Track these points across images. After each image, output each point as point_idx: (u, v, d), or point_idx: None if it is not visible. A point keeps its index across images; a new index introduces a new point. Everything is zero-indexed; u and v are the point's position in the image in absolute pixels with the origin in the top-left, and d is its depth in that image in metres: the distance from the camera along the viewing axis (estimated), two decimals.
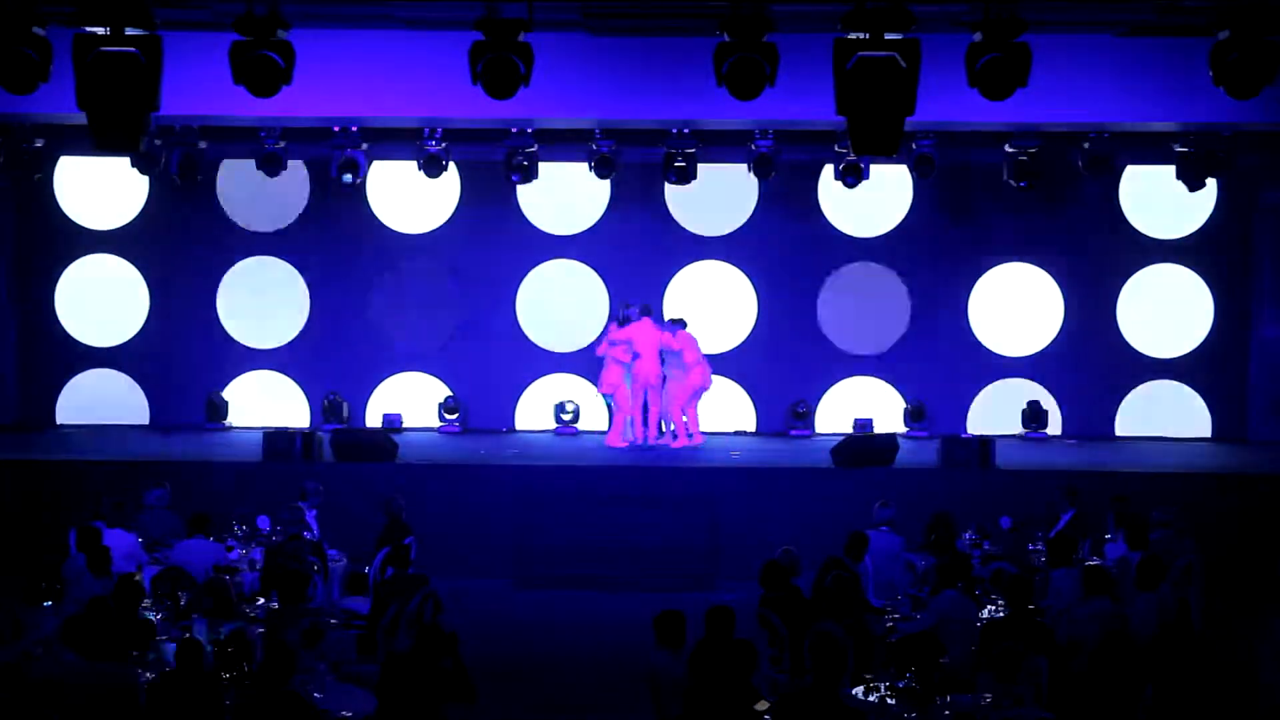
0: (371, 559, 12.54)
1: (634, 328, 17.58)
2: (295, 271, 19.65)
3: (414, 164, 17.44)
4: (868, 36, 9.64)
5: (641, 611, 9.55)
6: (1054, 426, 19.34)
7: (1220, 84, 10.21)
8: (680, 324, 17.66)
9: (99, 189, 19.42)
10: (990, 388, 19.61)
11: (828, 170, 18.52)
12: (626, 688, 10.33)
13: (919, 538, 12.90)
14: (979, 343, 19.62)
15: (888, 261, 19.50)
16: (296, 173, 18.67)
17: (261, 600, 10.98)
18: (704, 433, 18.04)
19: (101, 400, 19.65)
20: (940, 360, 19.38)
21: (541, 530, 15.52)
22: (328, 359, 19.52)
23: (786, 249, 19.45)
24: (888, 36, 9.63)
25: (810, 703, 7.73)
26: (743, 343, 19.31)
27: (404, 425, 18.90)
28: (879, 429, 18.61)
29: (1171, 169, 17.26)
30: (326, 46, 13.55)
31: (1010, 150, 16.88)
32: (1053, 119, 15.18)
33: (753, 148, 16.98)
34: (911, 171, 17.68)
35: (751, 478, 16.25)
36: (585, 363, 18.90)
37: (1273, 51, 10.02)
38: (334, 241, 19.54)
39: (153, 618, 10.11)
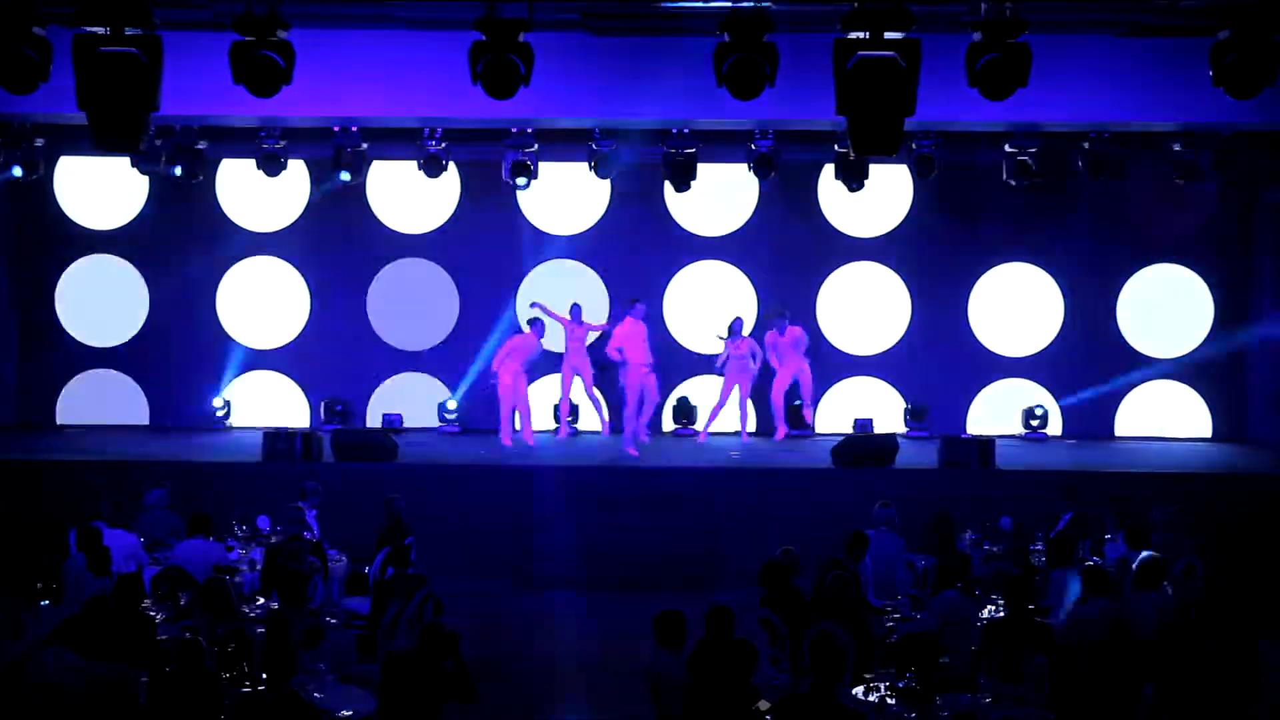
0: (371, 559, 12.53)
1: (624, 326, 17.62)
2: (295, 271, 19.67)
3: (414, 164, 17.43)
4: (868, 36, 9.64)
5: (641, 611, 9.53)
6: (1054, 426, 19.35)
7: (1220, 84, 10.20)
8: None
9: (99, 189, 19.45)
10: (990, 388, 19.62)
11: (828, 170, 18.51)
12: (626, 688, 10.32)
13: (919, 538, 12.89)
14: (979, 343, 19.62)
15: (888, 261, 19.51)
16: (296, 172, 18.70)
17: (261, 600, 10.99)
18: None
19: (101, 400, 19.66)
20: (940, 360, 19.38)
21: (541, 530, 15.51)
22: (328, 359, 19.53)
23: (786, 249, 19.46)
24: (888, 36, 9.63)
25: (810, 703, 7.73)
26: None
27: (404, 425, 18.90)
28: (879, 429, 18.61)
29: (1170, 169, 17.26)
30: (326, 46, 13.53)
31: (1010, 150, 16.87)
32: (1053, 119, 15.17)
33: (753, 148, 16.95)
34: (911, 171, 17.66)
35: (751, 478, 16.24)
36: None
37: (1273, 51, 10.02)
38: (334, 241, 19.55)
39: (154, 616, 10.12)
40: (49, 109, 12.91)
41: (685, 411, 19.27)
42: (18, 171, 17.30)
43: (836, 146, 16.94)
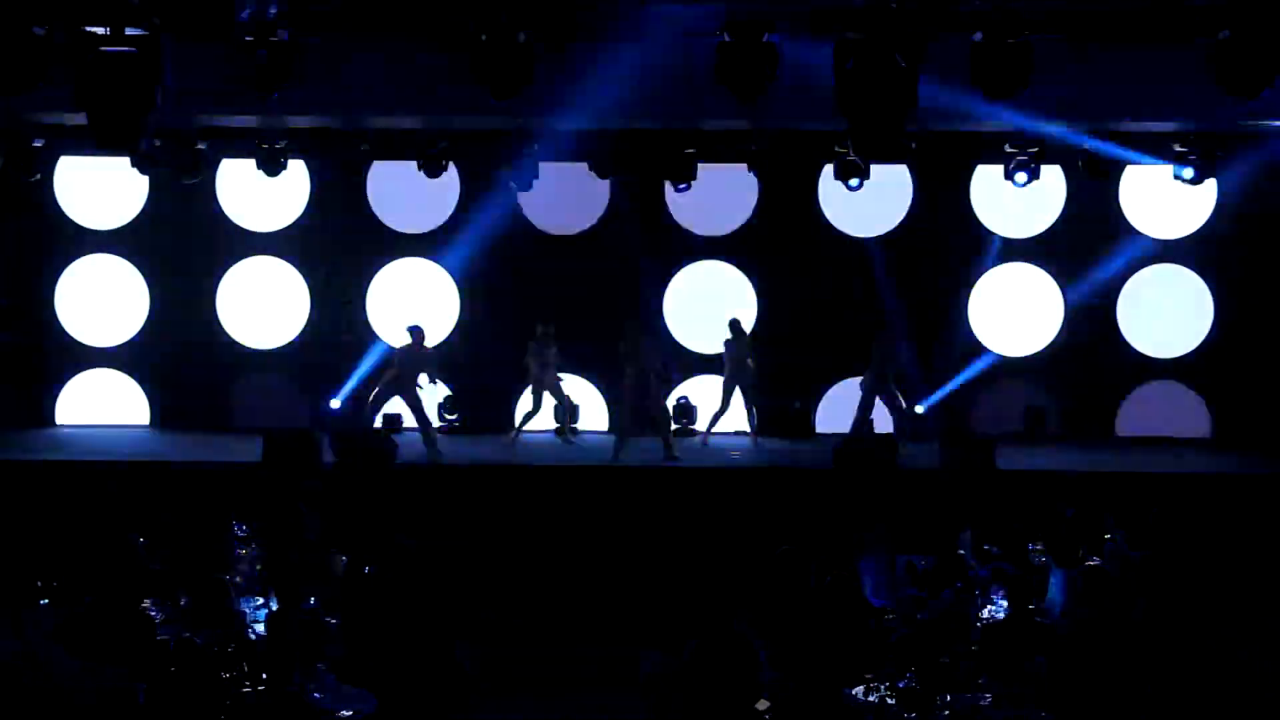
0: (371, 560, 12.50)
1: None
2: (295, 271, 19.66)
3: (413, 164, 17.42)
4: (867, 36, 9.65)
5: (641, 613, 9.54)
6: (1054, 426, 19.33)
7: (1220, 84, 10.22)
8: None
9: (99, 189, 19.44)
10: (991, 388, 19.61)
11: (828, 170, 18.50)
12: (626, 688, 10.32)
13: (919, 538, 12.87)
14: (980, 343, 19.61)
15: (884, 261, 19.48)
16: (297, 173, 18.69)
17: (261, 600, 10.98)
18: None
19: (101, 400, 19.66)
20: (941, 360, 19.36)
21: (541, 531, 15.49)
22: (328, 359, 19.51)
23: (785, 249, 19.44)
24: (885, 36, 9.64)
25: (810, 703, 7.74)
26: None
27: (404, 425, 18.87)
28: (879, 429, 18.58)
29: (1171, 169, 17.25)
30: (326, 47, 13.52)
31: (1010, 150, 16.86)
32: (1053, 119, 15.16)
33: (753, 148, 16.94)
34: (911, 171, 17.64)
35: (752, 478, 16.23)
36: (585, 362, 18.95)
37: (1273, 51, 10.03)
38: (333, 241, 19.55)
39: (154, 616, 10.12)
40: (49, 109, 12.89)
41: (685, 411, 19.24)
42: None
43: (836, 146, 16.94)
